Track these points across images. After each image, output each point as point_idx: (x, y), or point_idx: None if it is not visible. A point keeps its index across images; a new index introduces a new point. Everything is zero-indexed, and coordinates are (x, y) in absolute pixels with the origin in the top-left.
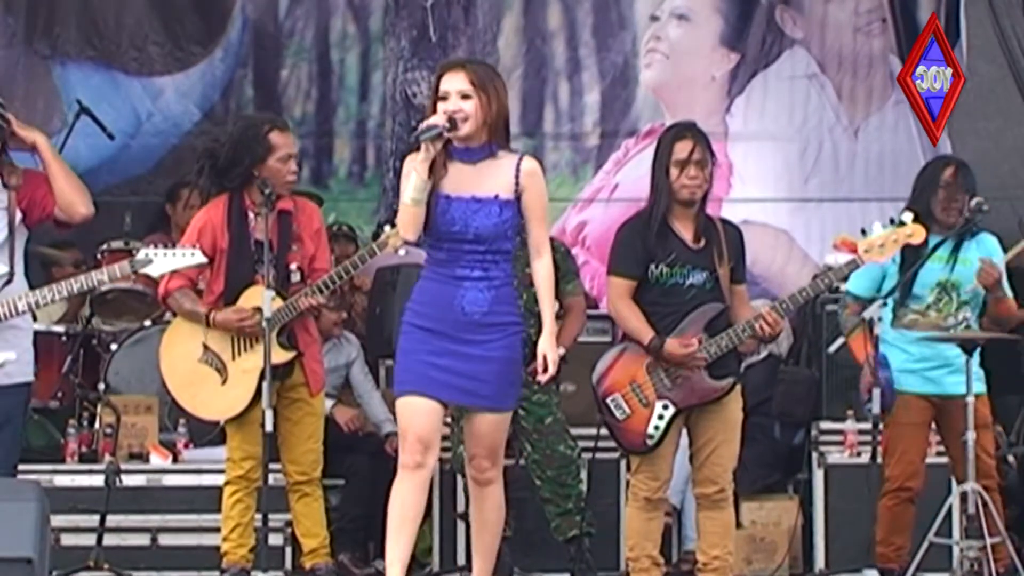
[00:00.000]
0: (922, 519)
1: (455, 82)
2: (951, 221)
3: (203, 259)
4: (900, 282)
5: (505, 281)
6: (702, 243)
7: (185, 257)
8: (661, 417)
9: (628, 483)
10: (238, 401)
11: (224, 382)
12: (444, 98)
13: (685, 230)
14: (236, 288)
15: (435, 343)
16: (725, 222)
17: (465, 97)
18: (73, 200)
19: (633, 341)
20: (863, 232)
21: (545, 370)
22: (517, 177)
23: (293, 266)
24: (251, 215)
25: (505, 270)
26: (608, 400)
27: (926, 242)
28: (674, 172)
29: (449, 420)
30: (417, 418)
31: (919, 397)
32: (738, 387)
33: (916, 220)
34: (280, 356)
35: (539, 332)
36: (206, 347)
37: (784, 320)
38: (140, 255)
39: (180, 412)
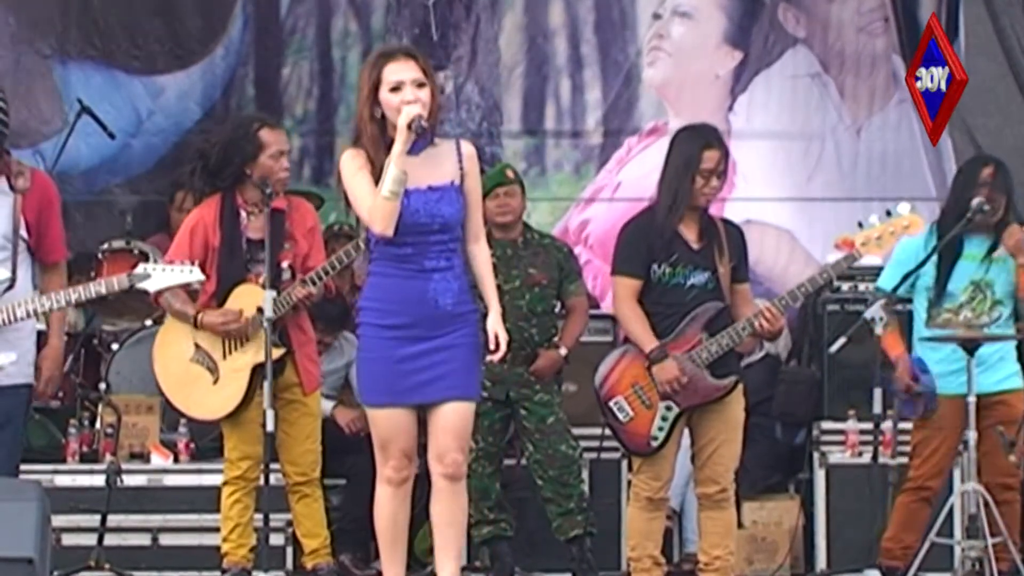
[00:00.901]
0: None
1: (408, 71)
2: (992, 221)
3: (201, 276)
4: (899, 284)
5: (464, 269)
6: (704, 243)
7: (183, 273)
8: (664, 418)
9: (629, 483)
10: (229, 400)
11: (216, 381)
12: (397, 88)
13: (688, 231)
14: (227, 287)
15: (405, 344)
16: (726, 222)
17: (420, 86)
18: None
19: (634, 344)
20: (860, 225)
21: (497, 348)
22: (460, 162)
23: (284, 264)
24: (244, 213)
25: (461, 258)
26: (611, 403)
27: (961, 241)
28: (699, 181)
29: None
30: (400, 433)
31: (954, 398)
32: (740, 386)
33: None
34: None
35: (540, 332)
36: (197, 346)
37: (784, 317)
38: (139, 269)
39: (175, 412)
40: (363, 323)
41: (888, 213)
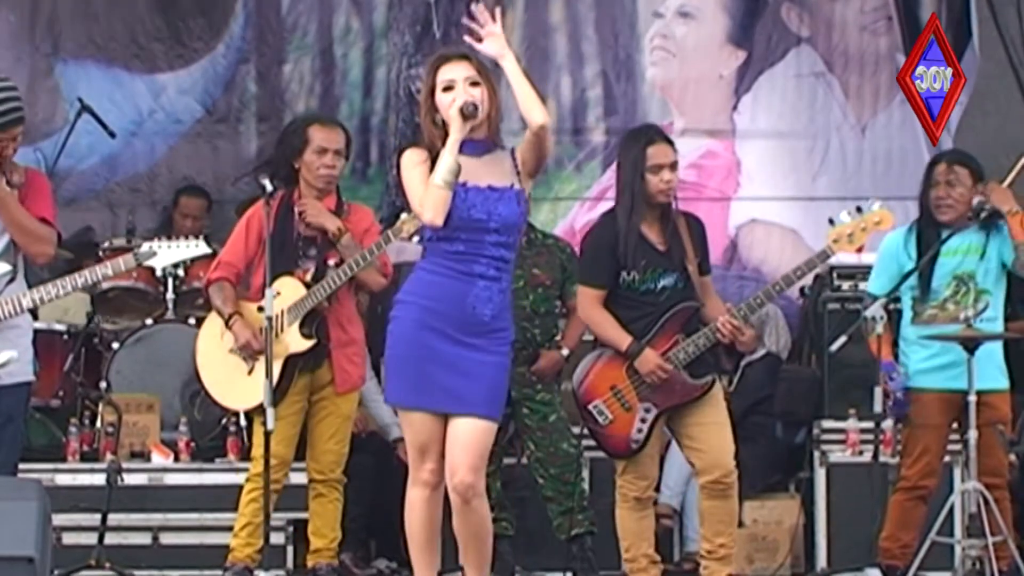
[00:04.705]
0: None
1: (461, 70)
2: (946, 218)
3: (207, 249)
4: (897, 285)
5: (509, 285)
6: (668, 244)
7: (190, 248)
8: (644, 420)
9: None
10: (260, 390)
11: (250, 372)
12: (449, 88)
13: (652, 233)
14: (274, 280)
15: (435, 344)
16: (686, 214)
17: (474, 84)
18: (32, 252)
19: (610, 347)
20: (831, 222)
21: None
22: (515, 162)
23: (331, 263)
24: (298, 210)
25: (510, 274)
26: (590, 407)
27: (939, 236)
28: (651, 178)
29: None
30: (435, 436)
31: (940, 395)
32: (719, 383)
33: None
34: (299, 345)
35: (543, 332)
36: None
37: (747, 325)
38: (144, 247)
39: (212, 403)
40: (396, 316)
41: (859, 209)
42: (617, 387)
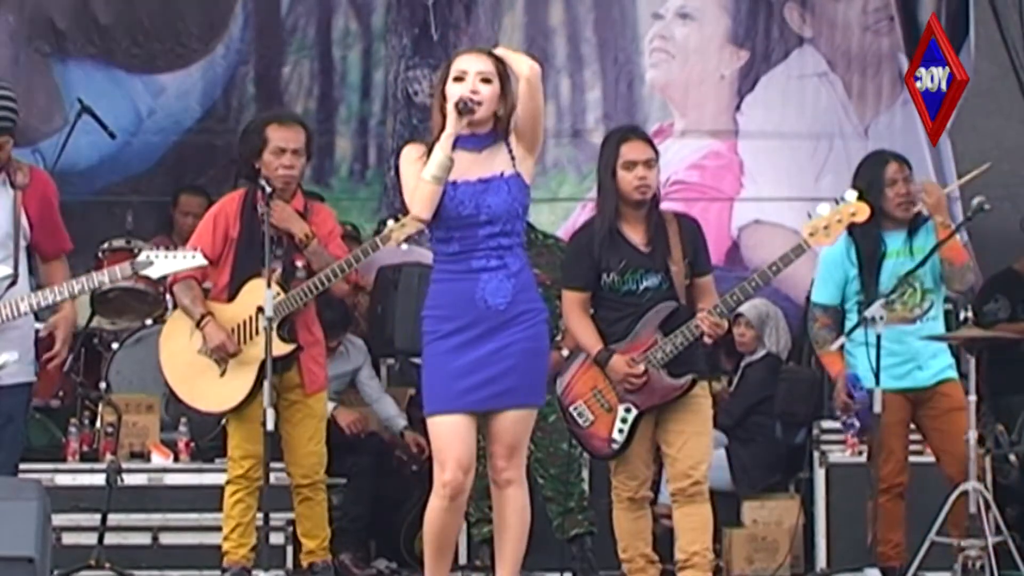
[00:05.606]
0: (923, 518)
1: (475, 63)
2: (909, 214)
3: (203, 261)
4: (902, 280)
5: (522, 267)
6: (652, 245)
7: (186, 259)
8: (624, 420)
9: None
10: (236, 393)
11: (223, 374)
12: (460, 79)
13: (635, 233)
14: (241, 279)
15: (460, 349)
16: (679, 215)
17: (485, 80)
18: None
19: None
20: (808, 215)
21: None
22: (509, 147)
23: (299, 264)
24: (262, 209)
25: (520, 256)
26: (571, 409)
27: (882, 239)
28: (623, 174)
29: None
30: (454, 443)
31: (894, 394)
32: (703, 382)
33: (860, 199)
34: (279, 349)
35: None
36: None
37: (724, 321)
38: (141, 257)
39: (178, 404)
40: (424, 331)
41: (836, 201)
42: (598, 388)
